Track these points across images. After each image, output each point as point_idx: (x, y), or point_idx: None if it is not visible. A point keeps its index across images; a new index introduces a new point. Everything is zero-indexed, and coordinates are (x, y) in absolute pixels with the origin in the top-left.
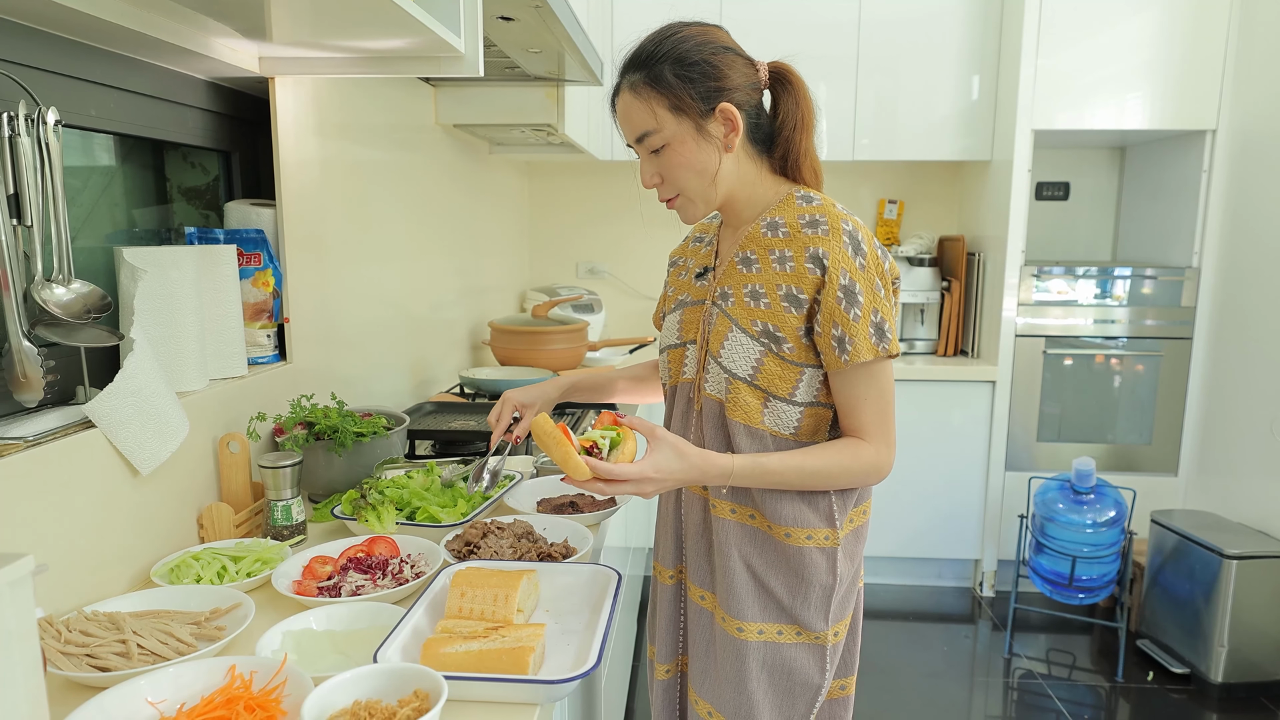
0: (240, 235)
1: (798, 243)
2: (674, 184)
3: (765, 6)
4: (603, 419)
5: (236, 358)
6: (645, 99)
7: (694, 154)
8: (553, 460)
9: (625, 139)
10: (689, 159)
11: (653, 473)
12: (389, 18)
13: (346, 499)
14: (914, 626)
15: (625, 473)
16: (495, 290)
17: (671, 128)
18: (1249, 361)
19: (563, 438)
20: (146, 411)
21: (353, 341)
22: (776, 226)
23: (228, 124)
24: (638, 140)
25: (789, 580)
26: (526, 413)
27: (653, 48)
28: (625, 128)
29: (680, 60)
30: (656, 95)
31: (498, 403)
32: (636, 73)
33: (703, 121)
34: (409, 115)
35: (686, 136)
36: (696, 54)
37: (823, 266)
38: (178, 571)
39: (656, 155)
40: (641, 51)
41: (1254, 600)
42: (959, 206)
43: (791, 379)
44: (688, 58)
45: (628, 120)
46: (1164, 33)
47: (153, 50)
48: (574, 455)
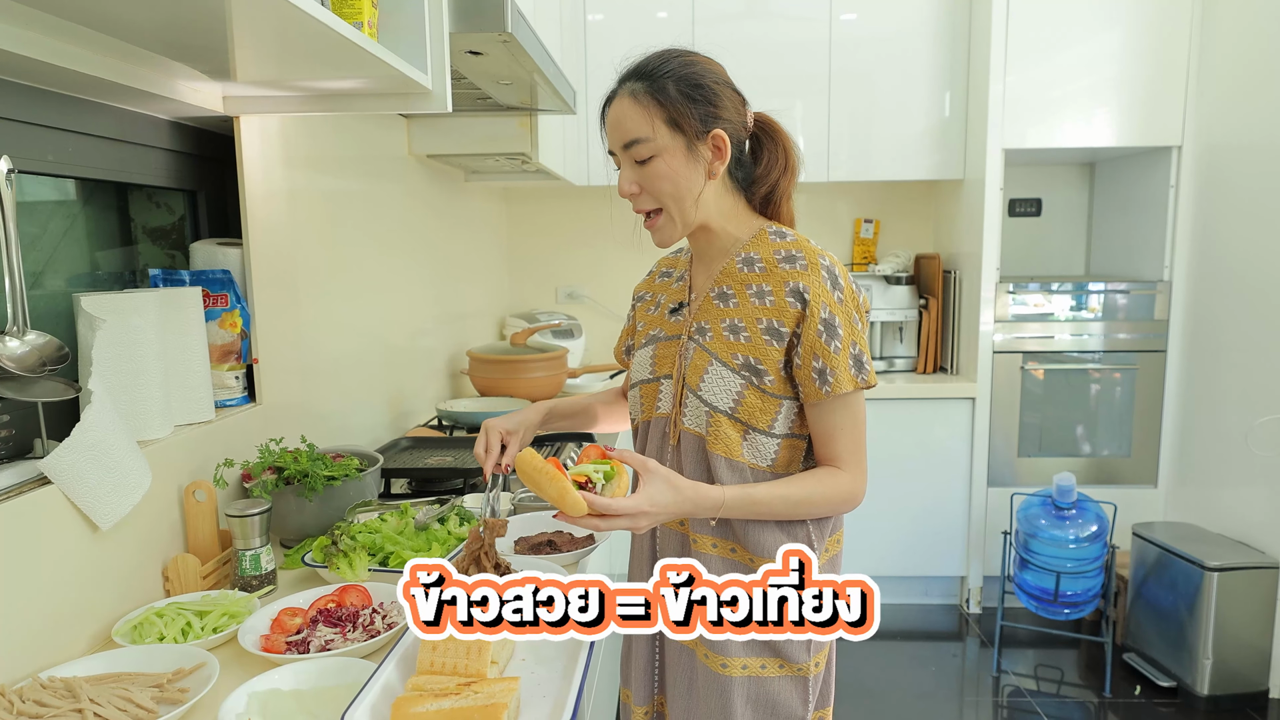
0: (206, 276)
1: (775, 277)
2: (654, 196)
3: (737, 28)
4: (588, 452)
5: (203, 402)
6: (645, 107)
7: (681, 170)
8: (543, 497)
9: (610, 145)
10: (676, 173)
11: (647, 506)
12: (353, 58)
13: (317, 545)
14: (902, 646)
15: (621, 507)
16: (475, 317)
17: (665, 140)
18: (1222, 372)
19: (557, 473)
20: (105, 465)
21: (328, 377)
22: (753, 262)
23: (193, 163)
24: (626, 146)
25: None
26: (511, 440)
27: (659, 62)
28: (615, 133)
29: (685, 80)
30: (657, 106)
31: (481, 433)
32: (639, 82)
33: (695, 142)
34: (381, 147)
35: (678, 151)
36: (701, 79)
37: (803, 300)
38: (140, 629)
39: (641, 165)
40: (647, 64)
41: (1237, 612)
42: (934, 224)
43: (771, 411)
44: (693, 79)
45: (620, 125)
46: (1128, 51)
47: (113, 93)
48: (572, 490)
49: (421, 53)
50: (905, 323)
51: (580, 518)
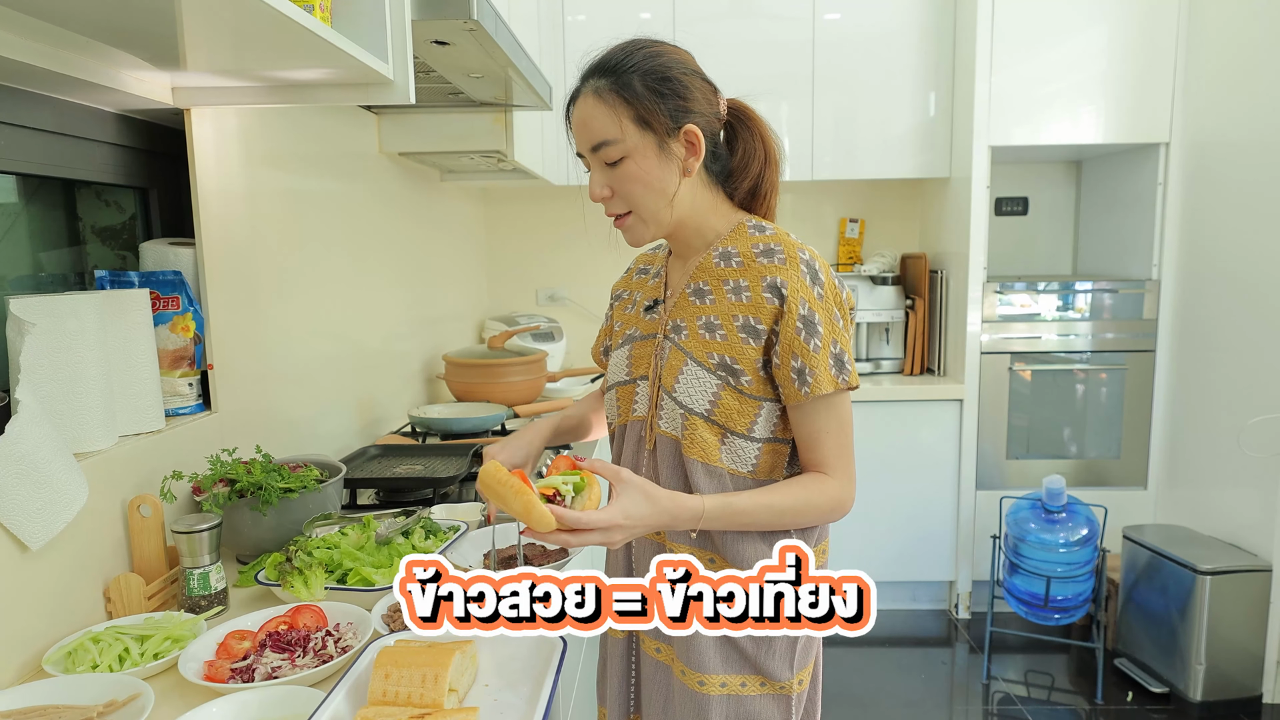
0: (156, 278)
1: (753, 272)
2: (627, 199)
3: (720, 27)
4: (558, 464)
5: (150, 410)
6: (611, 106)
7: (654, 170)
8: (508, 512)
9: (578, 147)
10: (648, 174)
11: (621, 519)
12: (306, 45)
13: (271, 562)
14: (890, 653)
15: (593, 520)
16: (452, 320)
17: (634, 140)
18: (1212, 372)
19: (522, 486)
20: (35, 480)
21: (292, 383)
22: (730, 256)
23: (143, 159)
24: (594, 149)
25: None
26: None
27: (622, 56)
28: (582, 134)
29: (651, 74)
30: (624, 104)
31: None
32: (602, 79)
33: (667, 140)
34: (349, 144)
35: (649, 151)
36: (668, 71)
37: (781, 296)
38: (74, 657)
39: (611, 168)
40: (610, 59)
41: (1229, 616)
42: (920, 224)
43: (750, 414)
44: (659, 73)
45: (586, 127)
46: (1114, 47)
47: (50, 83)
48: (538, 504)
49: (381, 40)
50: (891, 324)
51: (549, 533)
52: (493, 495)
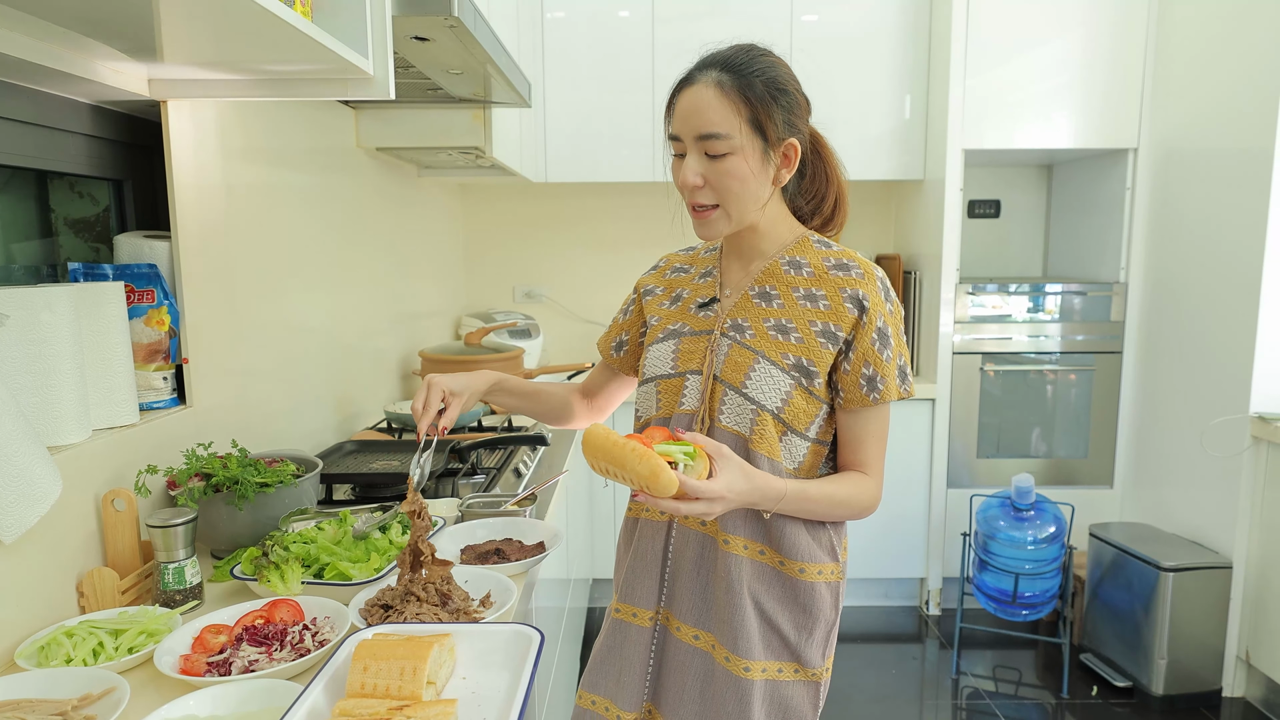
0: (130, 270)
1: (830, 283)
2: (720, 193)
3: (698, 27)
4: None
5: (125, 404)
6: (732, 102)
7: (754, 172)
8: (621, 472)
9: (677, 130)
10: (747, 175)
11: (725, 491)
12: (286, 38)
13: (247, 557)
14: (863, 649)
15: (706, 490)
16: (429, 316)
17: (745, 140)
18: (1177, 374)
19: (647, 450)
20: (7, 473)
21: (269, 378)
22: (799, 265)
23: (119, 150)
24: (701, 137)
25: (796, 617)
26: (453, 401)
27: (745, 59)
28: (692, 120)
29: (773, 82)
30: (745, 104)
31: (421, 388)
32: (726, 74)
33: (771, 148)
34: (328, 138)
35: (755, 154)
36: (785, 83)
37: (862, 307)
38: (47, 651)
39: (713, 160)
40: (733, 58)
41: (1191, 612)
42: (894, 225)
43: (811, 414)
44: (778, 83)
45: (700, 114)
46: (1085, 54)
47: (23, 73)
48: (666, 469)
49: (362, 35)
50: None
51: (664, 498)
52: (605, 456)
